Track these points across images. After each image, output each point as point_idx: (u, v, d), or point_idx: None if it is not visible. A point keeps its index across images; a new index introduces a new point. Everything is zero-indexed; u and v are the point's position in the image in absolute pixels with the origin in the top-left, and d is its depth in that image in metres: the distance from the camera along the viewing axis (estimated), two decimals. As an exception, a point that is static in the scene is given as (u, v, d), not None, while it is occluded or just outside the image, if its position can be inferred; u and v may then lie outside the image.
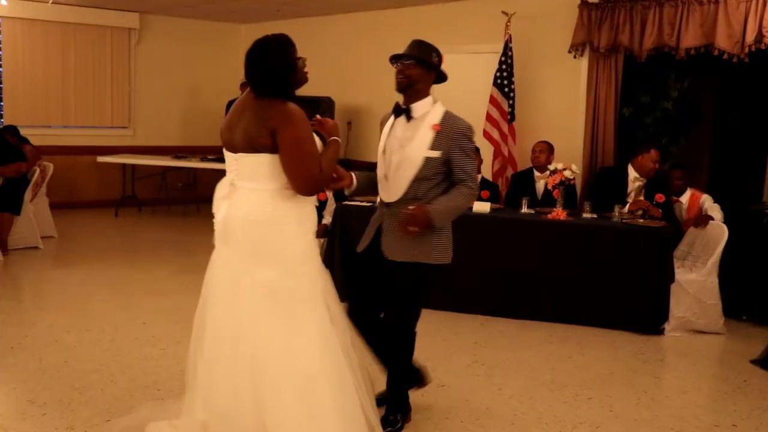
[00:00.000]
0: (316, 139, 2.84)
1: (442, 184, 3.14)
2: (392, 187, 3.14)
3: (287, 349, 2.71)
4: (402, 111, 3.18)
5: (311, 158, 2.72)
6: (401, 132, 3.17)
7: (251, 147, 2.72)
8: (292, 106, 2.74)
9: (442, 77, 3.22)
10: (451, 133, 3.09)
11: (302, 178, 2.71)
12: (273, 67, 2.75)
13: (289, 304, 2.75)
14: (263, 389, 2.70)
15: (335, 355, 2.80)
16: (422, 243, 3.09)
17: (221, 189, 2.88)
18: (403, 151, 3.11)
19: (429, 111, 3.14)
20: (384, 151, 3.20)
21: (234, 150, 2.80)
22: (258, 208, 2.75)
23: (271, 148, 2.70)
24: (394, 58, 3.18)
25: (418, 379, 3.54)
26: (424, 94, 3.16)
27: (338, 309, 2.93)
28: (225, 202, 2.83)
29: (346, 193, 3.23)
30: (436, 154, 3.07)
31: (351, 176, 3.15)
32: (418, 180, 3.09)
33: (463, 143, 3.11)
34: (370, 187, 3.28)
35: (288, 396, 2.69)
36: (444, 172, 3.13)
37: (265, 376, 2.70)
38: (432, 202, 3.08)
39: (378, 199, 3.34)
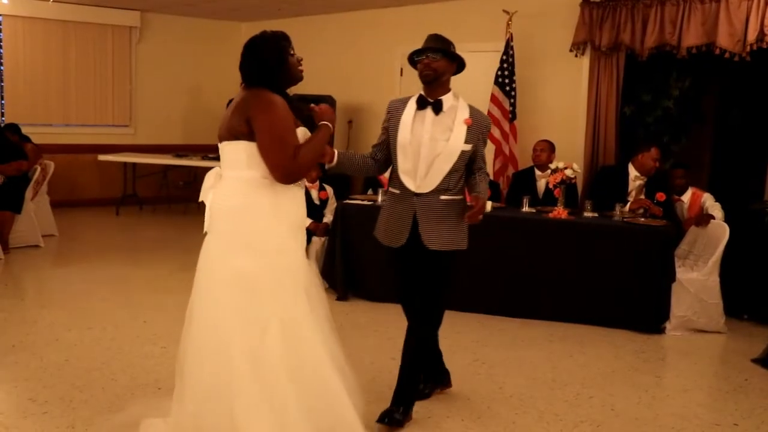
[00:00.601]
0: (302, 130, 2.85)
1: (464, 173, 3.32)
2: (425, 178, 3.23)
3: (253, 342, 2.70)
4: (429, 103, 3.27)
5: (284, 145, 2.71)
6: (431, 125, 3.24)
7: (232, 135, 2.77)
8: (272, 95, 2.75)
9: (461, 66, 3.34)
10: (480, 127, 3.30)
11: (273, 165, 2.71)
12: (264, 59, 2.80)
13: (259, 294, 2.73)
14: (230, 380, 2.69)
15: (311, 351, 2.76)
16: (458, 231, 3.29)
17: (209, 179, 2.92)
18: (437, 144, 3.22)
19: (455, 105, 3.28)
20: (410, 143, 3.26)
21: (220, 140, 2.85)
22: (235, 195, 2.77)
23: (248, 135, 2.72)
24: (417, 54, 3.28)
25: (446, 380, 3.72)
26: (448, 85, 3.31)
27: (321, 305, 2.91)
28: (212, 191, 2.87)
29: (326, 167, 3.30)
30: (469, 147, 3.25)
31: (333, 153, 3.23)
32: (450, 172, 3.23)
33: (486, 135, 3.37)
34: (349, 166, 3.37)
35: (252, 388, 2.67)
36: (468, 163, 3.30)
37: (232, 367, 2.69)
38: (476, 191, 3.25)
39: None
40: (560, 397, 3.78)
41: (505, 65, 6.76)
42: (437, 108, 3.25)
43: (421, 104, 3.28)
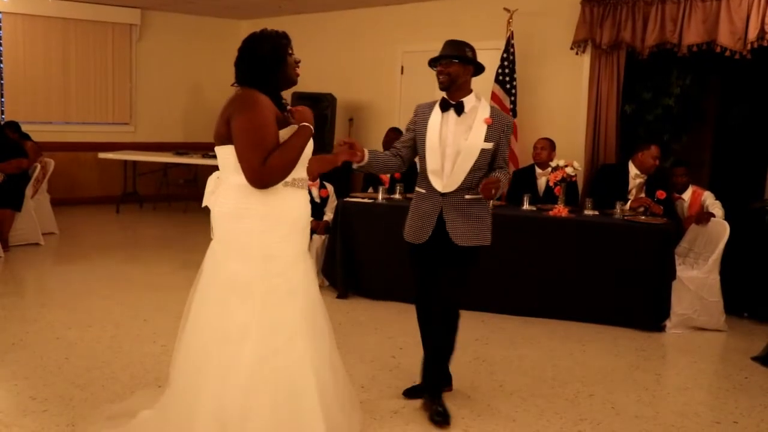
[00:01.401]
0: (291, 129, 2.75)
1: (486, 173, 3.43)
2: (450, 178, 3.39)
3: (230, 346, 2.68)
4: (452, 106, 3.42)
5: (255, 148, 2.60)
6: (454, 126, 3.40)
7: (219, 139, 2.73)
8: (256, 94, 2.67)
9: (479, 69, 3.48)
10: (501, 126, 3.44)
11: (243, 168, 2.63)
12: (261, 56, 2.73)
13: (250, 300, 2.70)
14: (200, 378, 2.69)
15: (289, 361, 2.72)
16: (482, 228, 3.47)
17: (210, 184, 2.91)
18: (459, 143, 3.37)
19: (476, 105, 3.43)
20: (438, 145, 3.39)
21: (215, 144, 2.80)
22: (229, 201, 2.74)
23: (230, 138, 2.66)
24: (433, 61, 3.45)
25: (448, 382, 3.74)
26: (467, 87, 3.45)
27: (319, 309, 2.89)
28: (213, 196, 2.86)
29: (354, 167, 3.39)
30: (489, 145, 3.40)
31: (364, 153, 3.33)
32: (473, 170, 3.38)
33: (508, 135, 3.50)
34: (377, 165, 3.47)
35: (215, 389, 2.66)
36: (490, 162, 3.44)
37: (205, 366, 2.69)
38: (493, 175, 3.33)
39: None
40: (560, 395, 3.78)
41: (506, 63, 6.76)
42: (459, 109, 3.40)
43: (444, 107, 3.43)
